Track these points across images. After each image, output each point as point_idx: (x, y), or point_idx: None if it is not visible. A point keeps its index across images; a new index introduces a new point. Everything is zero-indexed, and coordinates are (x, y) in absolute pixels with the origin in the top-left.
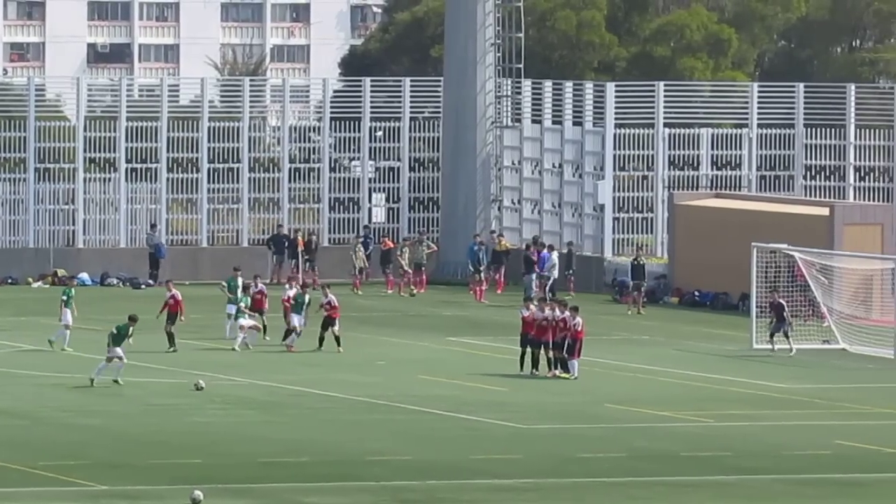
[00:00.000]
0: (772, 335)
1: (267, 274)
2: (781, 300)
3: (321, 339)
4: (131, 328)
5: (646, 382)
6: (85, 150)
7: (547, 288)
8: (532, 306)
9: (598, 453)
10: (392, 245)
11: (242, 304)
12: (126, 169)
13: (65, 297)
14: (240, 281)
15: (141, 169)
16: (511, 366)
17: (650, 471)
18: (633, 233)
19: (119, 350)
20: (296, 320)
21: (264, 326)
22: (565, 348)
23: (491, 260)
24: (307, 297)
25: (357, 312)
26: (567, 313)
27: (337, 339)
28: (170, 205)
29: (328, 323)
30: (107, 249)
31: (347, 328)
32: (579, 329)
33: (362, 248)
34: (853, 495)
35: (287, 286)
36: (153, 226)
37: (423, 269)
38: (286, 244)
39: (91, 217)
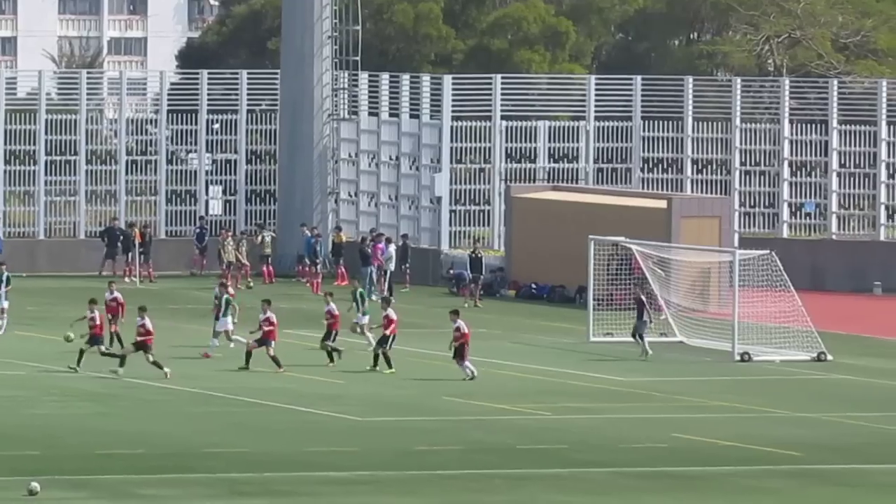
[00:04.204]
0: (636, 335)
1: (100, 266)
2: (643, 296)
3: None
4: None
5: (483, 375)
6: None
7: (385, 281)
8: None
9: (435, 446)
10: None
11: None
12: None
13: None
14: (4, 274)
15: None
16: (347, 358)
17: (487, 463)
18: (469, 225)
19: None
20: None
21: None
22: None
23: (332, 252)
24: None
25: (194, 305)
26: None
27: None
28: (7, 197)
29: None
30: None
31: (183, 321)
32: (464, 332)
33: (231, 243)
34: (690, 488)
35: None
36: None
37: (267, 260)
38: (120, 237)
39: None
